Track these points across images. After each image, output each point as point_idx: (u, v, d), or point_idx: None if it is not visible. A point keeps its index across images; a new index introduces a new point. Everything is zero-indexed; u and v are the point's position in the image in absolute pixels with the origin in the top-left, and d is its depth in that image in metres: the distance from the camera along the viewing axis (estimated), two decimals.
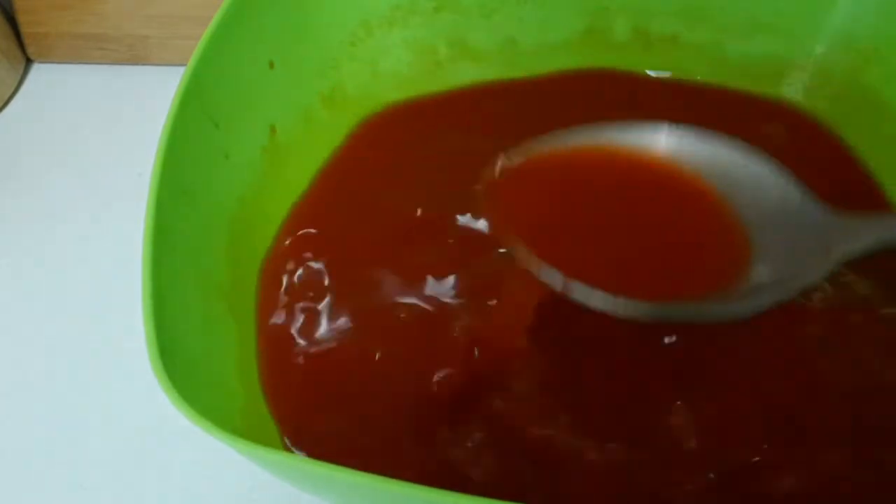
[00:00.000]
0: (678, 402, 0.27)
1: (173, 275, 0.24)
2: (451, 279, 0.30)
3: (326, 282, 0.31)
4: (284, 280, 0.31)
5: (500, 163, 0.29)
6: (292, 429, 0.27)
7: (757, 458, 0.26)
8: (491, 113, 0.36)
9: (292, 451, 0.27)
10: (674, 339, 0.28)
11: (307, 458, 0.19)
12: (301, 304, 0.30)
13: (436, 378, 0.28)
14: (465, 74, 0.37)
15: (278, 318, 0.30)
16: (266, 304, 0.30)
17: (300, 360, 0.29)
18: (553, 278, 0.26)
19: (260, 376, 0.28)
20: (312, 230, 0.32)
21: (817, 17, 0.35)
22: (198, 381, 0.23)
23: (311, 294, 0.31)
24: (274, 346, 0.29)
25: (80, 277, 0.36)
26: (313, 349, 0.29)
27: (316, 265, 0.31)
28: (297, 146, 0.34)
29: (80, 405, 0.32)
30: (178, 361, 0.22)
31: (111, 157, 0.40)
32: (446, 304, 0.30)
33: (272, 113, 0.33)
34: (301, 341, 0.29)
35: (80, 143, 0.41)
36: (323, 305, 0.30)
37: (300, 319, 0.30)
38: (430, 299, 0.30)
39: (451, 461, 0.26)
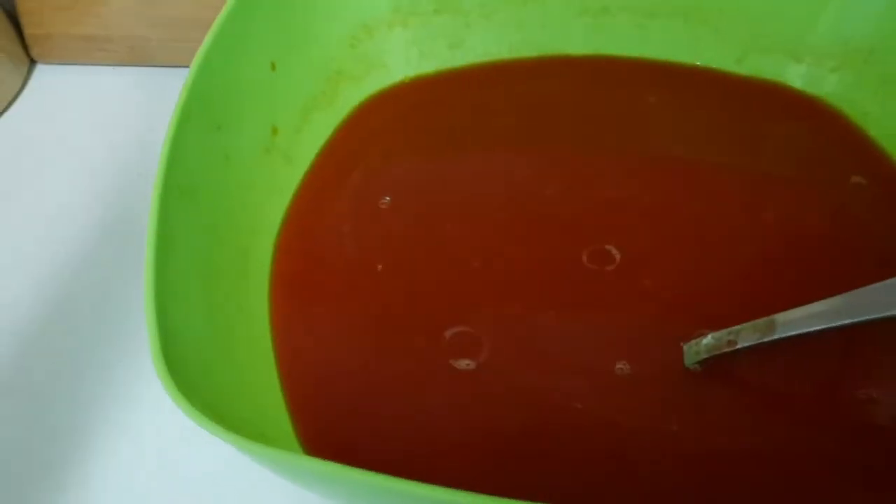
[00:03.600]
0: None
1: (177, 277, 0.24)
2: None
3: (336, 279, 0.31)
4: (294, 278, 0.31)
5: None
6: (308, 430, 0.27)
7: None
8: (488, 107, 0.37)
9: (307, 453, 0.26)
10: None
11: (324, 461, 0.18)
12: (313, 304, 0.30)
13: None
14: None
15: (289, 318, 0.30)
16: (276, 303, 0.30)
17: (313, 361, 0.29)
18: None
19: (273, 377, 0.28)
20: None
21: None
22: (204, 384, 0.23)
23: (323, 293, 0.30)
24: (286, 346, 0.29)
25: (83, 278, 0.36)
26: (327, 350, 0.29)
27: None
28: (298, 146, 0.34)
29: (83, 407, 0.32)
30: (182, 364, 0.22)
31: (113, 158, 0.40)
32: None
33: (274, 114, 0.33)
34: (313, 342, 0.29)
35: (83, 144, 0.41)
36: (334, 304, 0.30)
37: (313, 319, 0.30)
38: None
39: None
